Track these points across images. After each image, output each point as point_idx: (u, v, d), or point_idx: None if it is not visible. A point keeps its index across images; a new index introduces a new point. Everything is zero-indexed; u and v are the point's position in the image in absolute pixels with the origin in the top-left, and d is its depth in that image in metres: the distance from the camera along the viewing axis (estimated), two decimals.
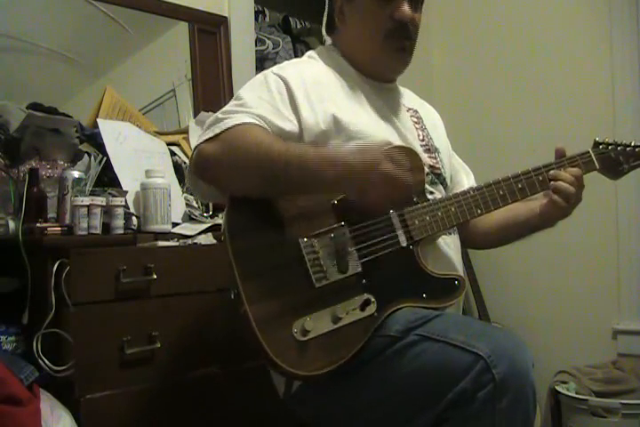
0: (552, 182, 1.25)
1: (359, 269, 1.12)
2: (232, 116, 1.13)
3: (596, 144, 1.33)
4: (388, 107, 1.31)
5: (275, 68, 1.25)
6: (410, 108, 1.38)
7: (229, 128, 1.11)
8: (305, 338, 1.04)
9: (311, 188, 1.09)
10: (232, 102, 1.20)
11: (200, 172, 1.15)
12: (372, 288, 1.11)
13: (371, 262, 1.12)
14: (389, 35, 1.25)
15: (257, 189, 1.10)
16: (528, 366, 0.98)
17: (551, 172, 1.26)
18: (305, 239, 1.10)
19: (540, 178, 1.25)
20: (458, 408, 0.98)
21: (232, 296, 1.07)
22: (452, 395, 0.98)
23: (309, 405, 1.17)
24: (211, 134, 1.12)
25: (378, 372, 1.08)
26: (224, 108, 1.18)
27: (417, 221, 1.17)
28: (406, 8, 1.25)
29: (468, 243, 1.46)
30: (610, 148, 1.33)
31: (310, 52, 1.36)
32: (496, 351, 0.97)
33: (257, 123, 1.12)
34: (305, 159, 1.06)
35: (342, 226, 1.13)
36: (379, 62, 1.30)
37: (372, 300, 1.10)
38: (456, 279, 1.17)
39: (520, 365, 0.97)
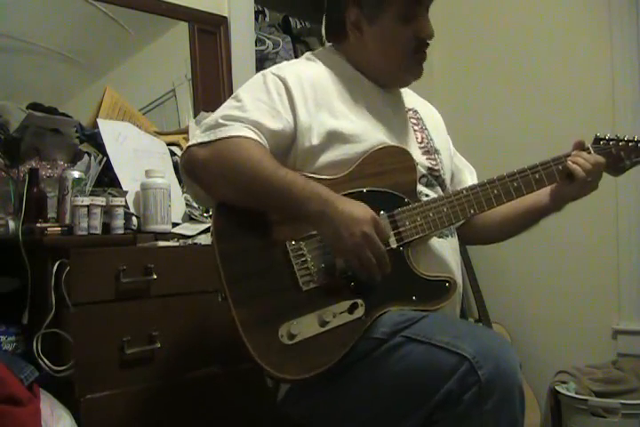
0: (569, 161, 1.24)
1: (347, 272, 1.11)
2: (230, 124, 1.13)
3: (597, 140, 1.29)
4: (387, 108, 1.30)
5: (273, 69, 1.25)
6: (410, 109, 1.37)
7: (224, 138, 1.12)
8: (292, 342, 1.04)
9: (291, 214, 1.11)
10: (230, 103, 1.19)
11: (188, 172, 1.17)
12: (360, 291, 1.10)
13: None
14: (413, 52, 1.26)
15: (237, 201, 1.12)
16: (514, 367, 0.98)
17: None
18: (292, 242, 1.10)
19: (537, 176, 1.23)
20: (445, 410, 0.98)
21: (220, 299, 1.08)
22: (438, 397, 0.98)
23: (301, 406, 1.17)
24: (206, 139, 1.13)
25: (365, 373, 1.08)
26: (223, 111, 1.17)
27: (407, 223, 1.16)
28: (430, 26, 1.25)
29: (474, 239, 1.45)
30: (611, 143, 1.29)
31: (308, 54, 1.35)
32: (481, 352, 0.97)
33: (252, 136, 1.13)
34: (292, 187, 1.07)
35: None
36: (398, 77, 1.30)
37: (361, 303, 1.09)
38: (447, 281, 1.15)
39: (505, 365, 0.97)
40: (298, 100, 1.18)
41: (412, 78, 1.31)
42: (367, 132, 1.21)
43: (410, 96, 1.42)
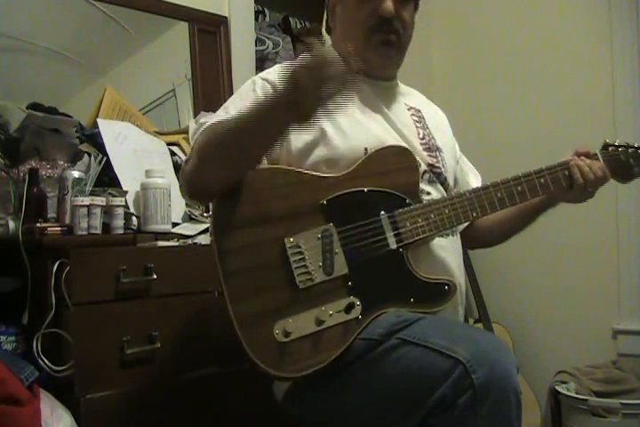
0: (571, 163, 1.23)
1: (345, 271, 1.11)
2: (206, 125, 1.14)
3: (606, 146, 1.28)
4: (384, 104, 1.30)
5: (263, 73, 1.26)
6: (411, 108, 1.36)
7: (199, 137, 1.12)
8: (286, 339, 1.04)
9: (267, 135, 1.04)
10: (218, 112, 1.20)
11: (189, 193, 1.15)
12: (357, 291, 1.10)
13: (358, 264, 1.11)
14: (373, 30, 1.24)
15: (228, 174, 1.08)
16: (510, 371, 0.96)
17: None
18: (291, 239, 1.10)
19: (542, 181, 1.23)
20: (440, 414, 0.97)
21: (216, 295, 1.08)
22: (432, 401, 0.96)
23: (301, 406, 1.17)
24: (189, 151, 1.14)
25: (360, 375, 1.07)
26: (209, 122, 1.17)
27: (408, 224, 1.15)
28: (389, 4, 1.23)
29: (476, 243, 1.44)
30: (620, 150, 1.27)
31: None
32: (476, 356, 0.95)
33: (222, 120, 1.12)
34: (242, 115, 1.03)
35: (330, 227, 1.12)
36: (364, 59, 1.26)
37: (357, 303, 1.09)
38: (446, 284, 1.15)
39: (501, 369, 0.95)
40: None
41: (377, 59, 1.27)
42: (357, 130, 1.21)
43: (414, 97, 1.42)
